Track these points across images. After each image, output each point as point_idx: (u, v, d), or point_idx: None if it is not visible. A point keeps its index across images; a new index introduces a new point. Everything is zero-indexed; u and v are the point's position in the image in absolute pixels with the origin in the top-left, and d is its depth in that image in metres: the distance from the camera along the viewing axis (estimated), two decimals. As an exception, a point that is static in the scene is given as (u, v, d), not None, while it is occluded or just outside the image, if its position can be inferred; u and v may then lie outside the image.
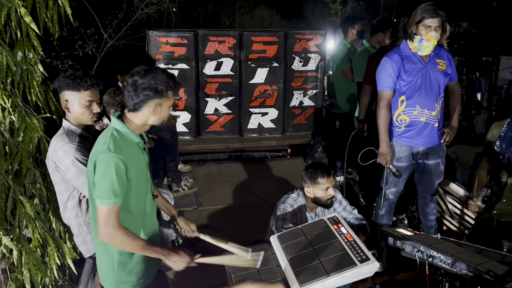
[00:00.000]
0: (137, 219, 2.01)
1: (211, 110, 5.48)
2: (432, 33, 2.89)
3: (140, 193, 2.00)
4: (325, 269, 1.93)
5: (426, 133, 3.06)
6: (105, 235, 1.81)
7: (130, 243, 1.83)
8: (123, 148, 1.86)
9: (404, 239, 2.17)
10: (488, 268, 1.92)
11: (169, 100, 1.93)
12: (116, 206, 1.81)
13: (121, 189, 1.82)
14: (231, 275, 2.11)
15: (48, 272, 2.58)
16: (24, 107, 2.51)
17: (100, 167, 1.81)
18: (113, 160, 1.79)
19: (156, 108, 1.90)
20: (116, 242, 1.84)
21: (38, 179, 2.59)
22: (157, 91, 1.86)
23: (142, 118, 1.93)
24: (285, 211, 2.83)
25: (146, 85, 1.85)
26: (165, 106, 1.94)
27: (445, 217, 3.86)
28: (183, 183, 4.47)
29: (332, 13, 12.83)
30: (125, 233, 1.82)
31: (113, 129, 1.90)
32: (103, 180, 1.79)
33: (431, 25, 2.87)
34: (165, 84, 1.88)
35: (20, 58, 2.43)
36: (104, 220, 1.79)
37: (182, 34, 5.17)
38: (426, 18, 2.88)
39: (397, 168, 3.12)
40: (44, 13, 2.44)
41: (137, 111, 1.90)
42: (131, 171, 1.87)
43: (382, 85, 3.09)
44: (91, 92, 2.29)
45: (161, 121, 1.97)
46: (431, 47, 2.94)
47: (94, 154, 1.86)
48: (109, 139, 1.84)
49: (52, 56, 7.14)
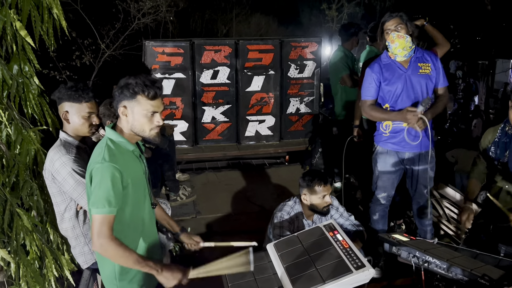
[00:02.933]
0: (135, 228, 2.01)
1: (208, 118, 5.50)
2: (392, 34, 2.95)
3: (138, 201, 2.00)
4: (321, 277, 1.94)
5: (411, 138, 3.08)
6: (98, 245, 1.78)
7: (123, 256, 1.80)
8: (118, 157, 1.87)
9: (400, 245, 2.18)
10: (483, 273, 1.93)
11: (139, 105, 1.87)
12: (111, 215, 1.79)
13: (116, 199, 1.81)
14: (228, 284, 2.12)
15: (46, 284, 2.58)
16: (21, 120, 2.53)
17: (96, 177, 1.81)
18: (109, 169, 1.80)
19: (124, 110, 1.88)
20: (109, 253, 1.80)
21: (35, 191, 2.60)
22: (123, 92, 1.86)
23: (123, 124, 1.93)
24: (282, 219, 2.84)
25: (118, 86, 1.88)
26: (136, 112, 1.88)
27: (442, 222, 3.86)
28: (181, 192, 4.48)
29: (328, 20, 12.91)
30: (118, 245, 1.79)
31: (107, 139, 1.91)
32: (99, 189, 1.79)
33: (389, 27, 2.97)
34: (134, 86, 1.85)
35: (16, 71, 2.45)
36: (98, 230, 1.77)
37: (178, 44, 5.21)
38: (384, 24, 3.02)
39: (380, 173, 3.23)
40: (39, 26, 2.47)
41: (119, 115, 1.93)
42: (127, 179, 1.87)
43: (364, 94, 3.19)
44: (91, 104, 2.32)
45: (139, 129, 1.91)
46: (400, 47, 2.97)
47: (90, 165, 1.87)
48: (104, 149, 1.85)
49: (50, 67, 7.16)
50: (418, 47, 3.09)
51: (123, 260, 1.82)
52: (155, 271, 1.85)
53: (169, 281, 1.86)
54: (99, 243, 1.77)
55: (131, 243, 1.99)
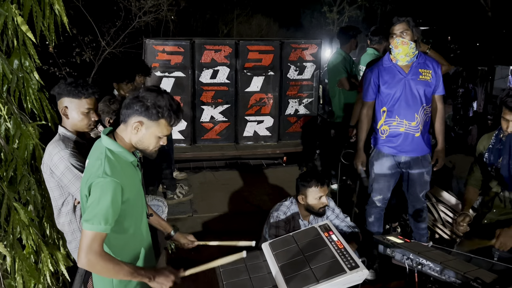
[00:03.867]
0: (135, 239, 1.97)
1: (207, 117, 5.52)
2: (397, 39, 2.97)
3: (138, 212, 1.97)
4: (315, 276, 1.95)
5: (407, 143, 3.10)
6: (85, 261, 1.68)
7: (113, 269, 1.73)
8: (119, 170, 1.79)
9: (394, 247, 2.19)
10: (476, 276, 1.94)
11: (158, 128, 1.82)
12: (104, 233, 1.71)
13: (113, 217, 1.73)
14: (223, 282, 2.13)
15: (42, 278, 2.59)
16: (20, 114, 2.54)
17: (95, 192, 1.71)
18: (110, 185, 1.71)
19: (138, 126, 1.81)
20: (96, 269, 1.73)
21: (33, 186, 2.62)
22: (148, 109, 1.78)
23: (128, 134, 1.85)
24: (278, 219, 2.85)
25: (142, 99, 1.79)
26: (151, 132, 1.83)
27: (437, 226, 3.88)
28: (178, 190, 4.49)
29: (329, 22, 12.94)
30: (108, 260, 1.72)
31: (106, 150, 1.80)
32: (97, 205, 1.70)
33: (395, 32, 2.98)
34: (160, 109, 1.79)
35: (16, 66, 2.46)
36: (88, 246, 1.68)
37: (178, 43, 5.22)
38: (390, 27, 3.02)
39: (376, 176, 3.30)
40: (40, 21, 2.48)
41: (125, 123, 1.84)
42: (126, 192, 1.80)
43: (364, 95, 3.26)
44: (91, 100, 2.33)
45: (144, 146, 1.87)
46: (402, 53, 2.99)
47: (89, 178, 1.75)
48: (104, 161, 1.75)
49: (50, 63, 7.17)
50: (421, 52, 3.11)
51: (113, 273, 1.75)
52: (147, 279, 1.82)
53: (162, 286, 1.83)
54: (87, 259, 1.68)
55: (134, 254, 1.97)
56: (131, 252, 1.95)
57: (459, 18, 12.31)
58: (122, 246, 1.89)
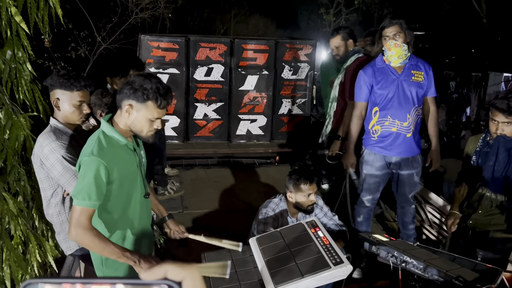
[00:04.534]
0: (123, 219, 2.03)
1: (200, 115, 5.53)
2: (390, 42, 3.00)
3: (128, 194, 2.03)
4: (300, 271, 1.97)
5: (398, 143, 3.13)
6: (74, 234, 1.81)
7: (98, 246, 1.83)
8: (107, 151, 1.88)
9: (379, 245, 2.23)
10: (458, 274, 1.98)
11: (147, 110, 1.90)
12: (90, 209, 1.83)
13: (98, 194, 1.83)
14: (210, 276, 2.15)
15: (29, 269, 2.60)
16: (12, 105, 2.55)
17: (82, 169, 1.85)
18: (94, 163, 1.82)
19: (129, 109, 1.90)
20: (84, 242, 1.85)
21: (23, 177, 2.62)
22: (135, 92, 1.87)
23: (122, 118, 1.95)
24: (266, 215, 2.88)
25: (131, 83, 1.89)
26: (142, 115, 1.91)
27: (425, 226, 3.92)
28: (169, 186, 4.50)
29: (326, 24, 12.99)
30: (94, 235, 1.82)
31: (100, 132, 1.93)
32: (82, 181, 1.83)
33: (388, 34, 3.01)
34: (146, 91, 1.87)
35: (9, 56, 2.47)
36: (76, 219, 1.81)
37: (173, 39, 5.24)
38: (383, 29, 3.05)
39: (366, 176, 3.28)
40: (35, 13, 2.49)
41: (120, 108, 1.94)
42: (113, 173, 1.89)
43: (356, 96, 3.26)
44: (83, 93, 2.34)
45: (138, 129, 1.95)
46: (395, 55, 3.02)
47: (80, 156, 1.90)
48: (95, 142, 1.87)
49: (45, 57, 7.16)
50: (413, 54, 3.15)
51: (98, 249, 1.86)
52: (132, 262, 1.87)
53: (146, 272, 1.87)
54: (75, 232, 1.81)
55: (119, 232, 2.03)
56: (118, 232, 2.02)
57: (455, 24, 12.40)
58: (112, 226, 1.98)
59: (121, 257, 1.86)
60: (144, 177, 2.15)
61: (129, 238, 2.07)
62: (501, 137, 2.61)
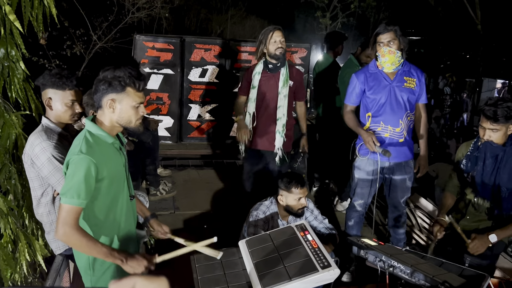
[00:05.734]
0: (111, 220, 2.03)
1: (194, 116, 5.53)
2: (384, 48, 3.02)
3: (115, 193, 2.03)
4: (288, 274, 1.98)
5: (391, 148, 3.14)
6: (61, 233, 1.80)
7: (86, 245, 1.82)
8: (96, 149, 1.88)
9: (368, 249, 2.24)
10: (445, 279, 2.00)
11: (128, 97, 1.91)
12: (78, 207, 1.82)
13: (87, 192, 1.83)
14: (198, 277, 2.16)
15: (18, 268, 2.59)
16: (4, 103, 2.55)
17: (71, 168, 1.83)
18: (84, 162, 1.82)
19: (112, 103, 1.90)
20: (71, 241, 1.83)
21: (14, 176, 2.62)
22: (111, 85, 1.87)
23: (106, 116, 1.94)
24: (257, 218, 2.89)
25: (103, 79, 1.89)
26: (126, 104, 1.92)
27: (414, 231, 3.95)
28: (161, 187, 4.50)
29: (322, 28, 13.05)
30: (82, 235, 1.82)
31: (86, 131, 1.92)
32: (71, 180, 1.81)
33: (383, 41, 3.02)
34: (121, 79, 1.88)
35: (2, 54, 2.47)
36: (63, 218, 1.79)
37: (168, 40, 5.24)
38: (378, 35, 3.06)
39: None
40: (29, 12, 2.49)
41: (101, 108, 1.93)
42: (103, 171, 1.89)
43: (347, 98, 3.29)
44: (75, 92, 2.35)
45: (126, 121, 1.96)
46: (388, 62, 3.04)
47: (67, 156, 1.88)
48: (82, 141, 1.86)
49: (40, 55, 7.13)
50: (406, 61, 3.17)
51: (86, 249, 1.84)
52: (119, 261, 1.88)
53: (135, 270, 1.89)
54: (62, 230, 1.79)
55: (106, 234, 2.02)
56: (105, 232, 2.01)
57: (450, 29, 12.48)
58: (98, 228, 1.97)
59: (108, 256, 1.86)
60: (129, 178, 2.16)
61: (116, 239, 2.06)
62: (488, 143, 2.64)
